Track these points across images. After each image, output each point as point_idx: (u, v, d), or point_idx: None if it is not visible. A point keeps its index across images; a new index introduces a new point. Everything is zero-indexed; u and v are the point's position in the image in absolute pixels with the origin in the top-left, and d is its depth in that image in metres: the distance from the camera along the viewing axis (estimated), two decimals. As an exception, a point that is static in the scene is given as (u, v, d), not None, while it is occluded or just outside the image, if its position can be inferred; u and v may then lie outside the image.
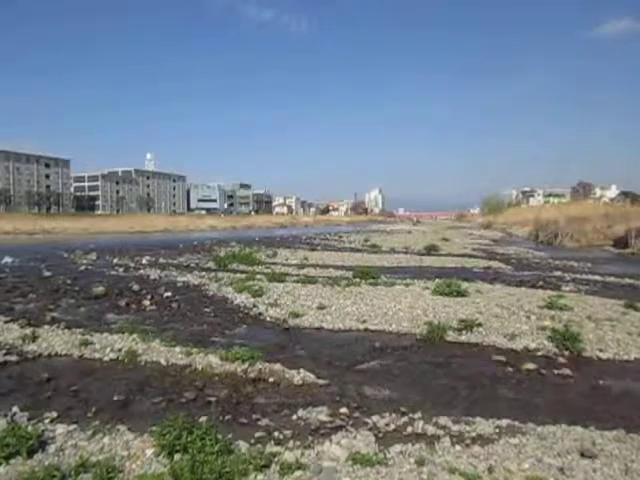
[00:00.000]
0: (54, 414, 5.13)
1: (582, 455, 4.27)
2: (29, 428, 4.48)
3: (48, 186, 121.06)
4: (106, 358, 7.26)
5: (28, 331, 8.27)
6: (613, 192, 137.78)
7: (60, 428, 4.73)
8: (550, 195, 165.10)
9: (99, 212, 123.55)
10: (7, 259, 21.28)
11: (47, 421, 4.93)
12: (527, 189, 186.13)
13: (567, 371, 6.90)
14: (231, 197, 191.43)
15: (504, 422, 5.05)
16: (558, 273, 18.46)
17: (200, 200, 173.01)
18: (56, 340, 7.94)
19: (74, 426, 4.79)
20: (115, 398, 5.72)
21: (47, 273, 16.67)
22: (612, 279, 16.76)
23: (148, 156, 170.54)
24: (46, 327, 8.77)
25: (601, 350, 7.84)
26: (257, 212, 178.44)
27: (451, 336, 8.63)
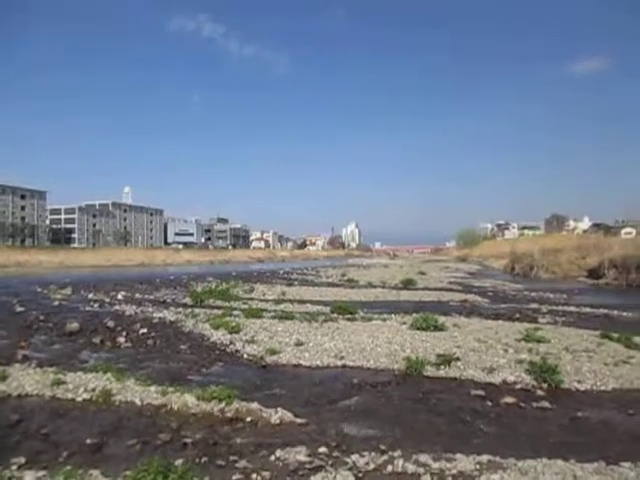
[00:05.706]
0: (22, 460, 4.92)
1: (562, 491, 4.26)
2: (-5, 475, 4.31)
3: (23, 218, 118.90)
4: (79, 398, 7.04)
5: (-3, 371, 8.00)
6: (586, 224, 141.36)
7: (28, 475, 4.54)
8: (525, 228, 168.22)
9: (75, 245, 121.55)
10: (-23, 295, 20.76)
11: (14, 467, 4.73)
12: (502, 222, 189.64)
13: (546, 404, 6.93)
14: (208, 231, 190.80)
15: (485, 458, 5.01)
16: (534, 305, 18.69)
17: (177, 234, 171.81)
18: (27, 379, 7.68)
19: (43, 472, 4.61)
20: (88, 441, 5.52)
21: (19, 308, 16.30)
22: (587, 310, 17.03)
23: (126, 189, 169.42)
24: (17, 366, 8.51)
25: (579, 382, 7.91)
26: (234, 246, 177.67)
27: (429, 371, 8.61)
